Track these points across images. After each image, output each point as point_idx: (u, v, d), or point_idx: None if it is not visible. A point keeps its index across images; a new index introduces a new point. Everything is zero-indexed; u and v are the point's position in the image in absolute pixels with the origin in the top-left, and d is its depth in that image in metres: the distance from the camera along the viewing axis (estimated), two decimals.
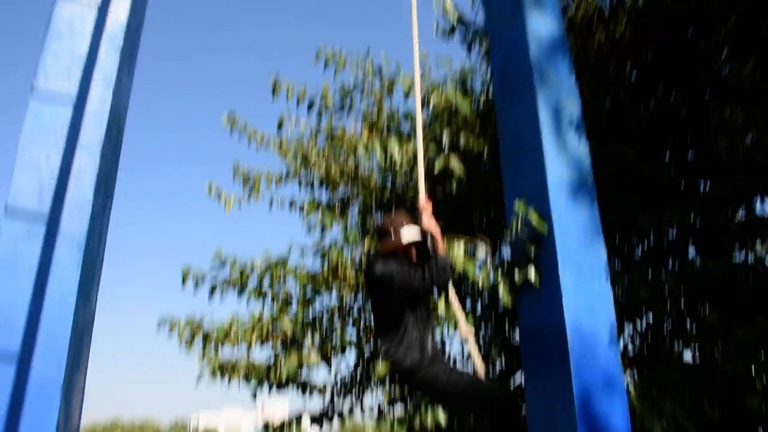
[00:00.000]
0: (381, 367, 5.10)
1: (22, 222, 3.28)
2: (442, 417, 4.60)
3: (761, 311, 4.94)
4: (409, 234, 3.87)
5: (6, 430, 2.96)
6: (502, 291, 4.33)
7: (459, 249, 4.64)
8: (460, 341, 5.93)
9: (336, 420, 6.22)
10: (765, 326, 4.58)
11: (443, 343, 5.88)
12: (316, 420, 6.19)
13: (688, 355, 5.24)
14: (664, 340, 5.31)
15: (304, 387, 6.02)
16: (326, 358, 5.60)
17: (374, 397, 6.28)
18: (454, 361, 5.89)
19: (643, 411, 4.15)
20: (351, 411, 6.26)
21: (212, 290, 5.89)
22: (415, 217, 4.04)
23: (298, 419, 6.22)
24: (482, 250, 4.73)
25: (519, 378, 5.44)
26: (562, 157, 4.30)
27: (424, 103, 6.13)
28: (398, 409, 5.73)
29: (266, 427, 6.21)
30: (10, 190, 3.29)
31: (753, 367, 4.43)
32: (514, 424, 3.56)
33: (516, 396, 3.57)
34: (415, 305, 3.71)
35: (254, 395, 5.79)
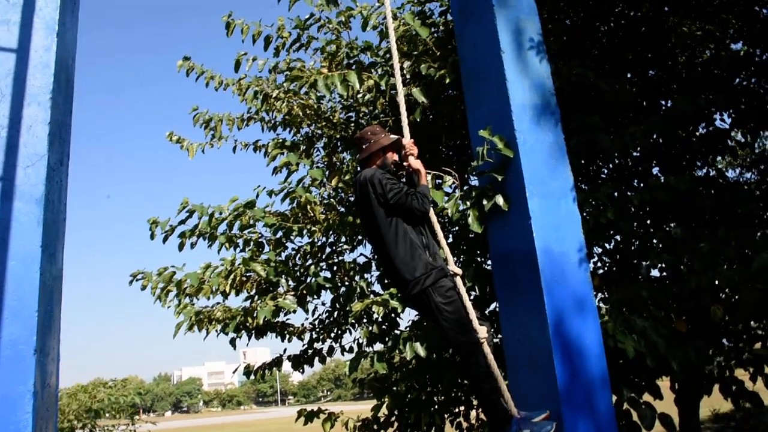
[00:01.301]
0: (357, 305, 5.14)
1: None
2: (421, 350, 4.66)
3: (723, 223, 5.06)
4: (388, 137, 3.93)
5: None
6: (472, 219, 4.35)
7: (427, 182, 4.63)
8: None
9: (316, 361, 6.28)
10: (726, 237, 4.69)
11: None
12: (296, 362, 6.25)
13: (655, 272, 5.37)
14: (632, 258, 5.42)
15: (283, 331, 6.04)
16: (302, 300, 5.61)
17: (353, 336, 6.34)
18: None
19: (614, 329, 4.25)
20: (330, 351, 6.32)
21: (182, 240, 5.81)
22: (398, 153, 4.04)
23: (278, 362, 6.28)
24: (450, 182, 4.72)
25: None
26: (524, 80, 4.27)
27: (384, 34, 6.01)
28: (378, 346, 5.81)
29: (247, 370, 6.26)
30: None
31: (716, 278, 4.54)
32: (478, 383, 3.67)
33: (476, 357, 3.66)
34: (404, 219, 3.71)
35: (232, 343, 5.79)
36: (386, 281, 5.62)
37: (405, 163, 3.94)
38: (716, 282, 4.54)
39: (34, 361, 3.03)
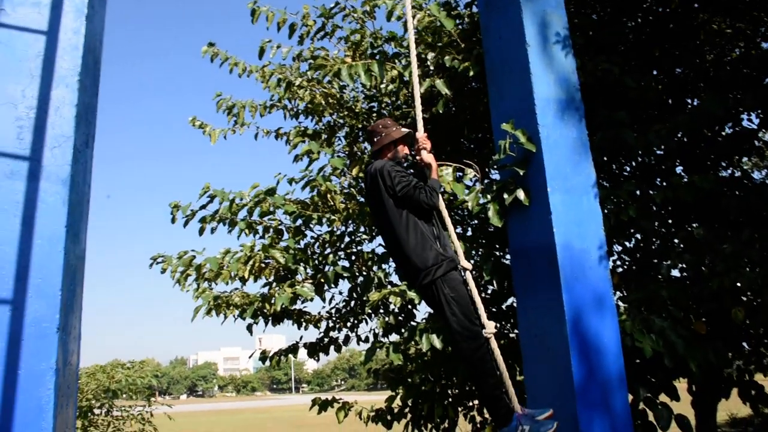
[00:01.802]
0: (374, 295, 5.15)
1: (3, 160, 3.21)
2: (437, 342, 4.66)
3: (747, 225, 4.99)
4: (400, 129, 3.97)
5: (6, 372, 2.98)
6: (492, 212, 4.34)
7: (448, 174, 4.62)
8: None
9: (331, 350, 6.32)
10: (750, 240, 4.63)
11: None
12: (312, 350, 6.28)
13: (676, 272, 5.33)
14: (652, 257, 5.37)
15: (299, 319, 6.08)
16: (319, 289, 5.63)
17: (369, 326, 6.36)
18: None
19: (633, 328, 4.22)
20: (346, 340, 6.35)
21: (202, 225, 5.86)
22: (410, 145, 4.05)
23: (294, 349, 6.32)
24: (471, 175, 4.71)
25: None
26: (549, 74, 4.24)
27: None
28: (394, 337, 5.83)
29: (264, 355, 6.31)
30: None
31: (738, 280, 4.49)
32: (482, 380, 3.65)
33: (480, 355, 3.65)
34: (413, 211, 3.72)
35: (249, 329, 5.84)
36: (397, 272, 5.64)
37: (417, 157, 3.95)
38: (738, 284, 4.49)
39: (57, 339, 3.08)
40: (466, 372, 4.05)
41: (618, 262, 5.76)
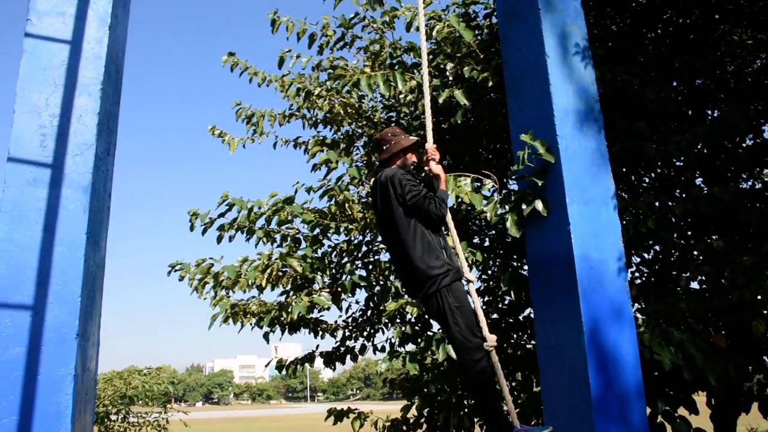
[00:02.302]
0: (391, 305, 5.15)
1: (27, 167, 3.26)
2: (453, 352, 4.65)
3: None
4: (409, 138, 4.01)
5: (26, 377, 3.02)
6: (510, 223, 4.32)
7: (466, 185, 4.62)
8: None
9: (347, 359, 6.32)
10: None
11: None
12: (328, 359, 6.29)
13: (695, 284, 5.27)
14: (671, 269, 5.32)
15: (316, 328, 6.09)
16: (336, 298, 5.64)
17: (386, 335, 6.36)
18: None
19: (651, 340, 4.18)
20: (363, 350, 6.35)
21: (220, 233, 5.90)
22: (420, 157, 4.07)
23: (311, 358, 6.32)
24: (489, 185, 4.71)
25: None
26: (568, 84, 4.23)
27: (428, 36, 6.01)
28: (410, 347, 5.81)
29: (280, 364, 6.32)
30: (11, 135, 3.26)
31: (759, 293, 4.43)
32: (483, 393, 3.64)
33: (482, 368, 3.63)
34: (421, 221, 3.74)
35: (266, 337, 5.86)
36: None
37: (426, 168, 3.97)
38: (759, 297, 4.43)
39: (76, 345, 3.12)
40: (467, 384, 4.03)
41: (636, 274, 5.71)
